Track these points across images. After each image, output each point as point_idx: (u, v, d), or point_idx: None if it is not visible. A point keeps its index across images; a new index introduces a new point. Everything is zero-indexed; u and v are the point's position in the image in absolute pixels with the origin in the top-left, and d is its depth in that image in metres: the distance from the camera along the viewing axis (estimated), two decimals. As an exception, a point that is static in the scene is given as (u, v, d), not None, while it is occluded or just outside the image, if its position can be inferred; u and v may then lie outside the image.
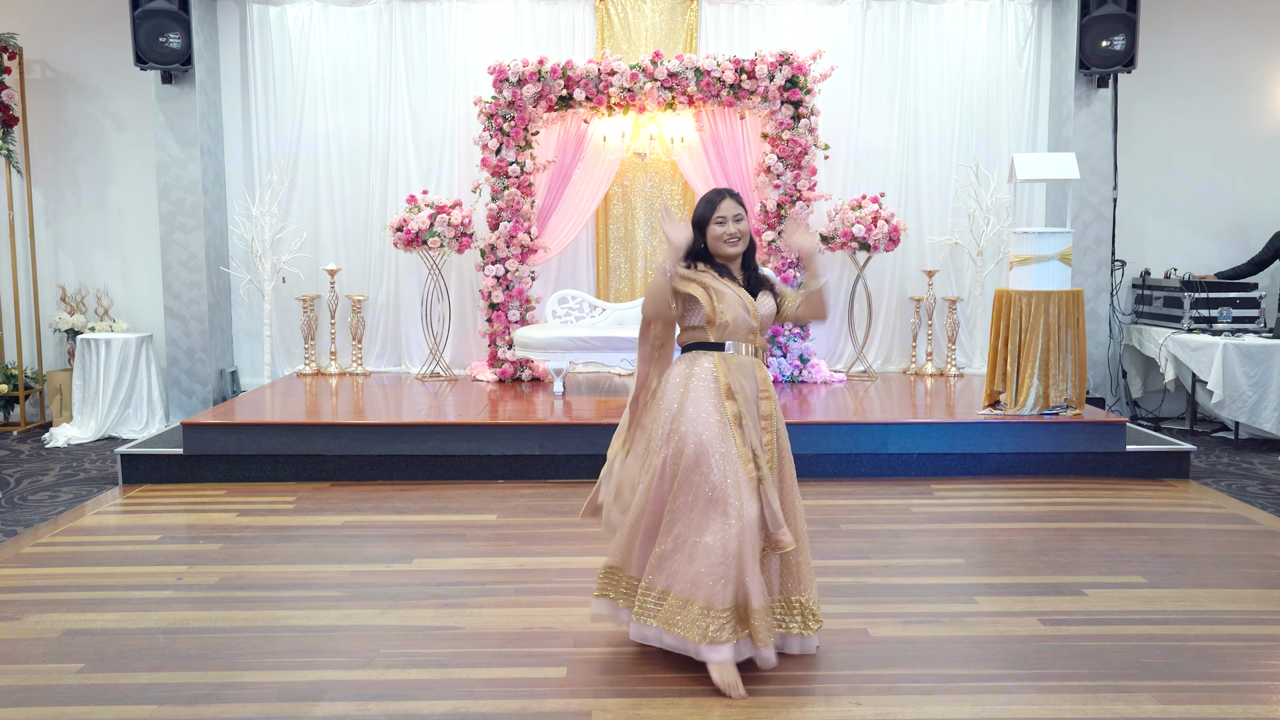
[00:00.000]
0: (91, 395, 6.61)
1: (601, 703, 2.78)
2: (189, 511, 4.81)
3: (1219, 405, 6.20)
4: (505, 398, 6.25)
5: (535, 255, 6.87)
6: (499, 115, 6.61)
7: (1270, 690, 2.89)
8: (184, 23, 6.60)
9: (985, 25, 7.22)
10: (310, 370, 7.14)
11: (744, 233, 2.94)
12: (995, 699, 2.82)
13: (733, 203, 2.94)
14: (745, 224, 2.95)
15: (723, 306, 2.90)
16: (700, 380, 2.89)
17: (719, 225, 2.93)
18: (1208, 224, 7.38)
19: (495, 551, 4.17)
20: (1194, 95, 7.27)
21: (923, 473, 5.40)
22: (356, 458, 5.34)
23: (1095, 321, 7.02)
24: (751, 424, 2.89)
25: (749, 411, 2.90)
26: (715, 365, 2.91)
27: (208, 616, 3.44)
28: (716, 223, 2.93)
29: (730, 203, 2.93)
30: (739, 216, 2.93)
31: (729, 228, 2.93)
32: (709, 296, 2.90)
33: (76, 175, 7.22)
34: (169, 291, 6.94)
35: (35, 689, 2.90)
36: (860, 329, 7.21)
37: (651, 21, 7.11)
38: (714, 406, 2.85)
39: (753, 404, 2.92)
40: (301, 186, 7.25)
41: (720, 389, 2.87)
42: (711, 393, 2.87)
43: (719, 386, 2.88)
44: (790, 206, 6.60)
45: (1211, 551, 4.20)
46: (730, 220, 2.93)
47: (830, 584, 3.72)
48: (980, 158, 7.13)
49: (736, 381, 2.89)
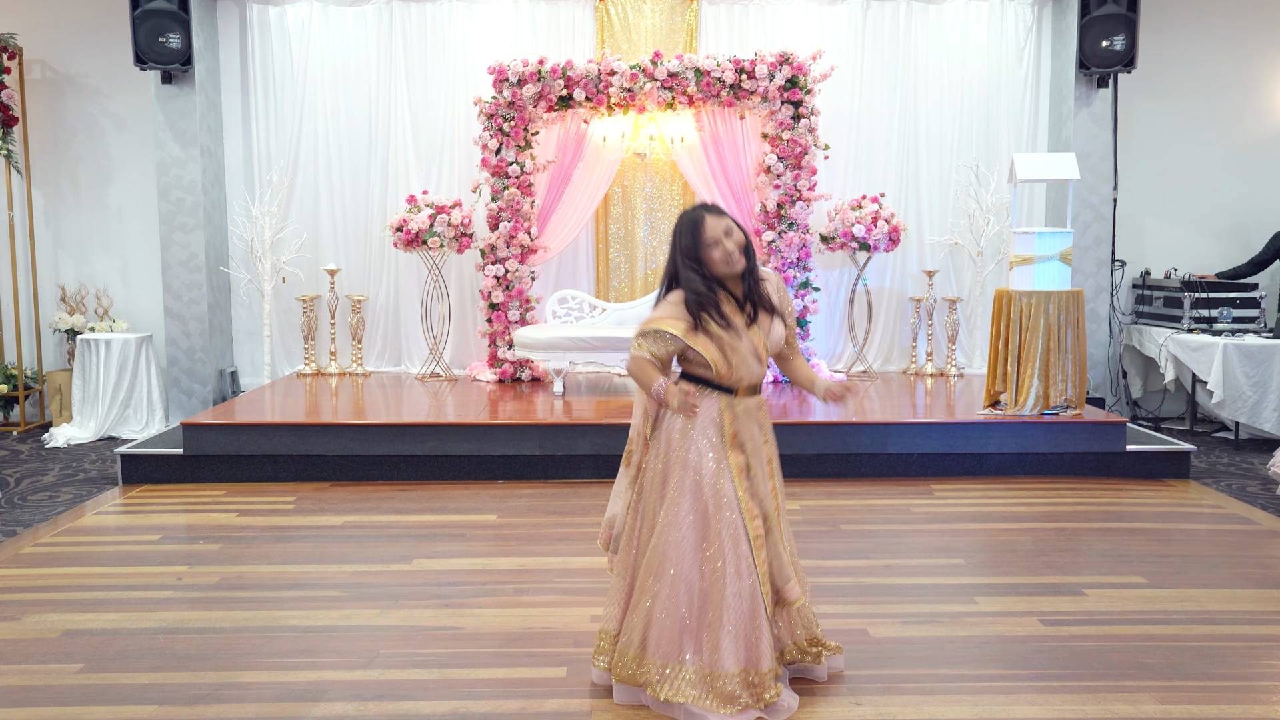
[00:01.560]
0: (91, 395, 6.61)
1: (601, 703, 2.78)
2: (189, 511, 4.81)
3: (1219, 405, 6.20)
4: (505, 398, 6.25)
5: (535, 255, 6.87)
6: (499, 115, 6.61)
7: (1270, 690, 2.89)
8: (184, 23, 6.60)
9: (985, 25, 7.21)
10: (310, 370, 7.14)
11: (741, 243, 2.63)
12: (995, 699, 2.82)
13: (717, 219, 2.61)
14: (738, 234, 2.64)
15: (736, 360, 2.64)
16: (702, 433, 2.66)
17: (714, 248, 2.60)
18: (1208, 224, 7.38)
19: (495, 551, 4.17)
20: (1194, 95, 7.27)
21: (923, 473, 5.40)
22: (356, 458, 5.34)
23: (1095, 321, 7.02)
24: (760, 474, 2.70)
25: (757, 462, 2.70)
26: (721, 412, 2.67)
27: (208, 616, 3.44)
28: (710, 245, 2.60)
29: (714, 220, 2.60)
30: (729, 230, 2.61)
31: (726, 246, 2.60)
32: (720, 354, 2.62)
33: (76, 175, 7.22)
34: (169, 291, 6.94)
35: (35, 689, 2.90)
36: (860, 329, 7.21)
37: (651, 21, 7.11)
38: (714, 462, 2.65)
39: (760, 452, 2.72)
40: (301, 186, 7.25)
41: (725, 440, 2.67)
42: (711, 446, 2.65)
43: (724, 438, 2.66)
44: (790, 207, 6.60)
45: (1211, 551, 4.20)
46: (724, 238, 2.60)
47: (830, 584, 3.72)
48: (980, 158, 7.14)
49: (745, 429, 2.69)
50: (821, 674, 2.89)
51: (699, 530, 2.65)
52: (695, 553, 2.65)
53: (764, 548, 2.68)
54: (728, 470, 2.66)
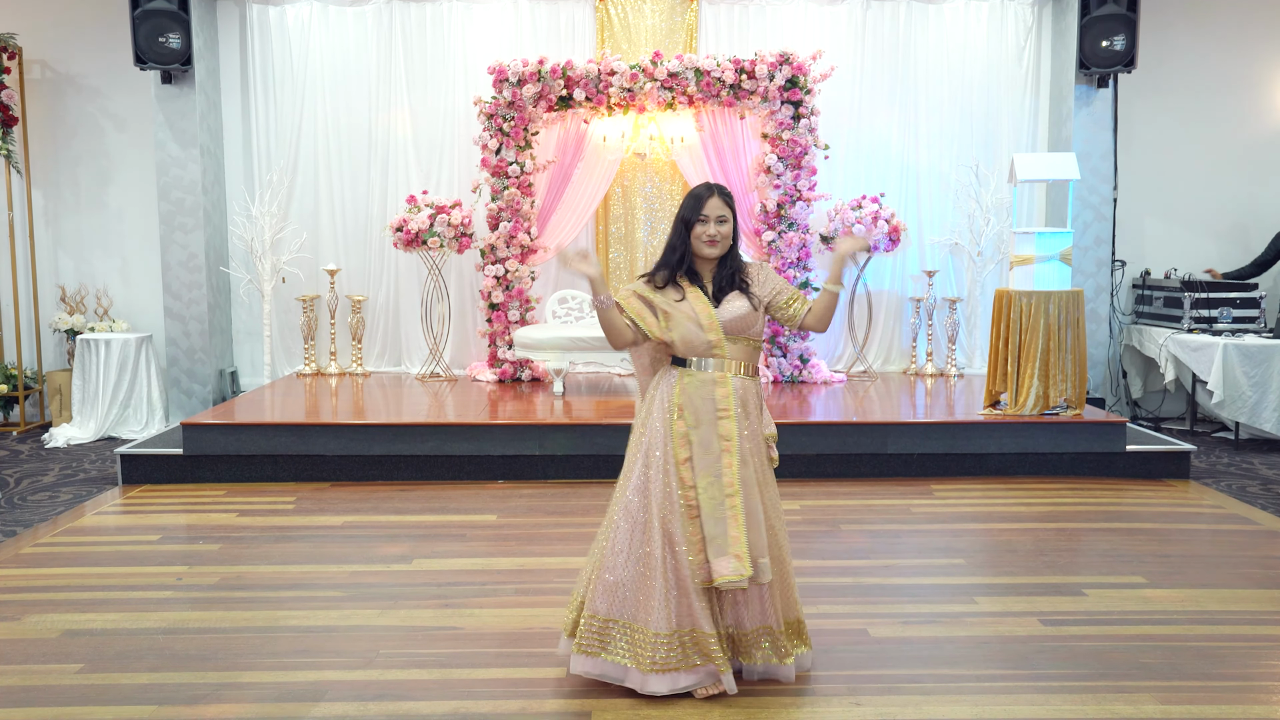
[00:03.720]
0: (91, 395, 6.61)
1: (601, 703, 2.78)
2: (189, 512, 4.81)
3: (1219, 405, 6.20)
4: (505, 398, 6.25)
5: (535, 255, 6.87)
6: (499, 115, 6.61)
7: (1270, 690, 2.89)
8: (184, 23, 6.59)
9: (985, 25, 7.21)
10: (310, 370, 7.14)
11: (725, 235, 2.80)
12: (995, 699, 2.82)
13: (719, 201, 2.79)
14: (728, 226, 2.81)
15: (669, 325, 2.80)
16: (659, 404, 2.82)
17: (700, 224, 2.79)
18: (1208, 224, 7.37)
19: (495, 551, 4.17)
20: (1194, 95, 7.27)
21: (923, 473, 5.40)
22: (356, 458, 5.34)
23: (1095, 321, 7.02)
24: (710, 445, 2.75)
25: (704, 433, 2.76)
26: (675, 383, 2.82)
27: (208, 616, 3.44)
28: (699, 221, 2.79)
29: (717, 201, 2.79)
30: (723, 218, 2.79)
31: (709, 228, 2.79)
32: (655, 317, 2.82)
33: (76, 175, 7.22)
34: (169, 291, 6.94)
35: (35, 689, 2.90)
36: (860, 329, 7.21)
37: (651, 21, 7.11)
38: (663, 430, 2.78)
39: (709, 424, 2.76)
40: (301, 186, 7.25)
41: (672, 408, 2.79)
42: (664, 413, 2.79)
43: (671, 405, 2.79)
44: (790, 207, 6.60)
45: (1211, 551, 4.20)
46: (713, 221, 2.79)
47: (830, 584, 3.73)
48: (980, 158, 7.13)
49: (690, 400, 2.78)
50: (788, 674, 2.85)
51: (640, 496, 2.79)
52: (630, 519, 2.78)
53: (697, 518, 2.73)
54: (671, 438, 2.77)
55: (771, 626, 2.82)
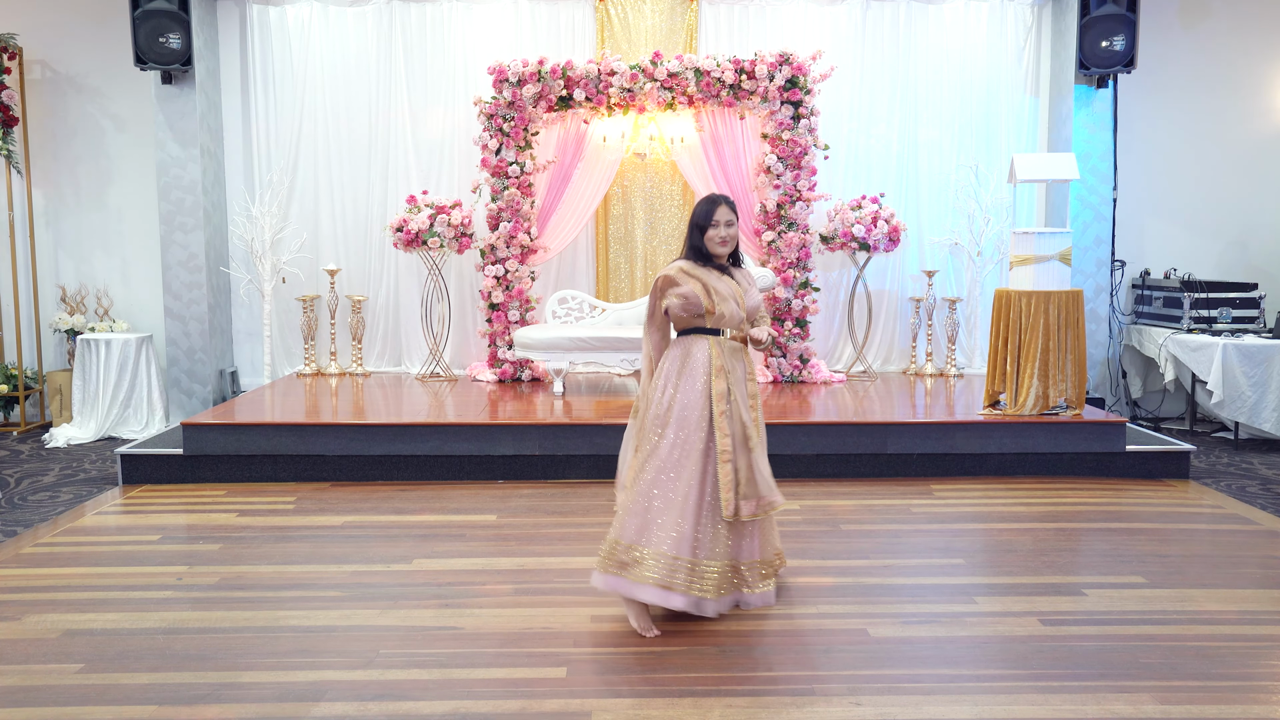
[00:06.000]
0: (91, 395, 6.61)
1: (601, 703, 2.78)
2: (189, 512, 4.81)
3: (1219, 405, 6.20)
4: (505, 398, 6.25)
5: (535, 255, 6.87)
6: (499, 115, 6.61)
7: (1270, 690, 2.89)
8: (184, 23, 6.60)
9: (985, 25, 7.21)
10: (310, 370, 7.14)
11: (733, 237, 3.41)
12: (995, 699, 2.82)
13: (728, 210, 3.39)
14: (734, 229, 3.41)
15: (718, 300, 3.35)
16: (694, 366, 3.33)
17: (713, 229, 3.38)
18: (1208, 224, 7.38)
19: (495, 551, 4.17)
20: (1194, 95, 7.27)
21: (923, 473, 5.40)
22: (356, 458, 5.34)
23: (1095, 321, 7.02)
24: (740, 400, 3.35)
25: (739, 390, 3.36)
26: (710, 348, 3.35)
27: (208, 616, 3.44)
28: (712, 226, 3.38)
29: (725, 209, 3.39)
30: (730, 222, 3.39)
31: (721, 231, 3.38)
32: (707, 293, 3.34)
33: (76, 175, 7.22)
34: (169, 292, 6.94)
35: (35, 689, 2.90)
36: (860, 329, 7.21)
37: (651, 22, 7.12)
38: (703, 388, 3.30)
39: (742, 384, 3.39)
40: (301, 187, 7.25)
41: (713, 368, 3.32)
42: (704, 374, 3.31)
43: (711, 366, 3.32)
44: (790, 207, 6.60)
45: (1211, 551, 4.20)
46: (723, 225, 3.38)
47: (830, 584, 3.73)
48: (980, 158, 7.14)
49: (728, 362, 3.36)
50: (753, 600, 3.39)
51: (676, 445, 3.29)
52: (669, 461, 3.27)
53: (730, 461, 3.27)
54: (710, 396, 3.30)
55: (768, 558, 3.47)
